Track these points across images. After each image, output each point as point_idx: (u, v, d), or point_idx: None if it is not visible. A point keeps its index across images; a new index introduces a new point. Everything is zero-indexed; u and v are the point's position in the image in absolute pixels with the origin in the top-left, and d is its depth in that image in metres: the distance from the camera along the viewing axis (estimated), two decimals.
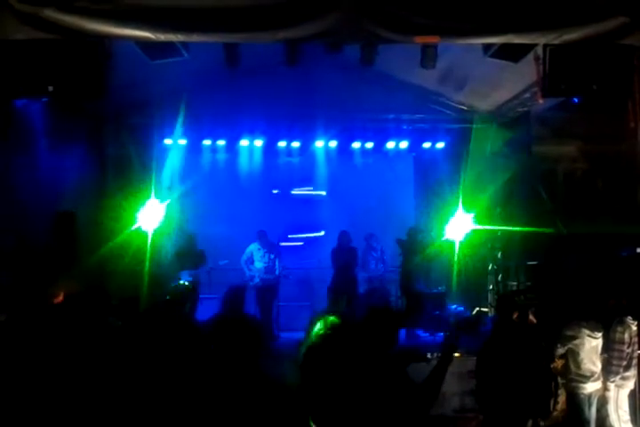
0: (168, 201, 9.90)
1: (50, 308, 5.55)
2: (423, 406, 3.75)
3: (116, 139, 10.14)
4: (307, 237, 13.07)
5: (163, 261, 10.54)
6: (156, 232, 9.50)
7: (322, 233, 12.96)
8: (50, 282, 6.14)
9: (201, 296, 10.29)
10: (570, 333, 6.49)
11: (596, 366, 6.51)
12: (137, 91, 8.82)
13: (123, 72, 6.73)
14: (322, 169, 12.76)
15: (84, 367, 4.50)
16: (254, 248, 10.63)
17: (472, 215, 10.29)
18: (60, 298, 5.81)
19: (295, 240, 12.93)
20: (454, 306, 11.03)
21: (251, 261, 10.59)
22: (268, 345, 6.70)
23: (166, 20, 5.89)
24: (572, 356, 6.50)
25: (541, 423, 5.77)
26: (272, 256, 10.60)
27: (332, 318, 4.50)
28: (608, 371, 6.50)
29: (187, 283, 9.76)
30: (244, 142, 11.96)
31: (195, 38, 6.13)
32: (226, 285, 11.11)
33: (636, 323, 6.54)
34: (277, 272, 10.61)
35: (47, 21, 5.76)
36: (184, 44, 6.40)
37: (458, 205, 10.37)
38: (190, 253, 10.24)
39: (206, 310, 10.23)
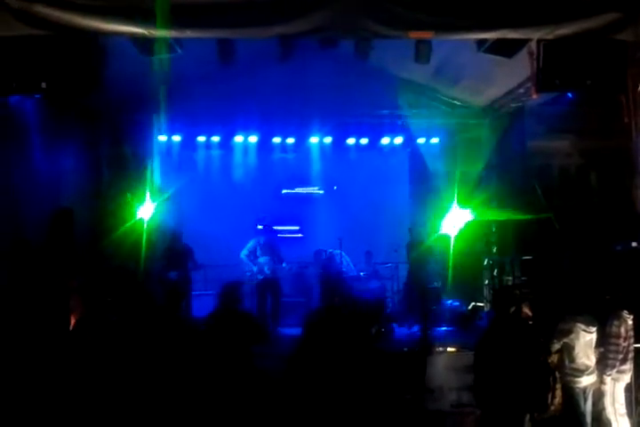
0: (162, 197, 9.92)
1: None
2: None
3: (110, 135, 10.11)
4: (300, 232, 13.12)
5: (155, 258, 10.53)
6: (150, 229, 9.50)
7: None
8: (47, 280, 6.13)
9: (197, 293, 10.29)
10: (564, 327, 6.51)
11: (591, 361, 6.53)
12: (131, 87, 8.79)
13: (117, 68, 6.70)
14: (316, 165, 12.75)
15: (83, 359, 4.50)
16: (257, 242, 10.63)
17: (467, 211, 10.32)
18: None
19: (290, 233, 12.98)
20: (450, 301, 11.05)
21: (254, 255, 10.57)
22: (270, 338, 6.69)
23: (159, 16, 5.87)
24: (567, 350, 6.52)
25: (539, 417, 5.80)
26: (275, 249, 10.62)
27: None
28: (604, 365, 6.52)
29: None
30: (238, 138, 11.94)
31: (188, 34, 6.11)
32: (221, 281, 11.23)
33: (631, 317, 6.56)
34: (284, 264, 10.63)
35: (39, 17, 5.75)
36: (177, 40, 6.38)
37: (453, 201, 10.39)
38: (175, 251, 10.15)
39: (202, 306, 10.25)
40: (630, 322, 6.56)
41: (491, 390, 5.50)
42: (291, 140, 12.14)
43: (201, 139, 11.90)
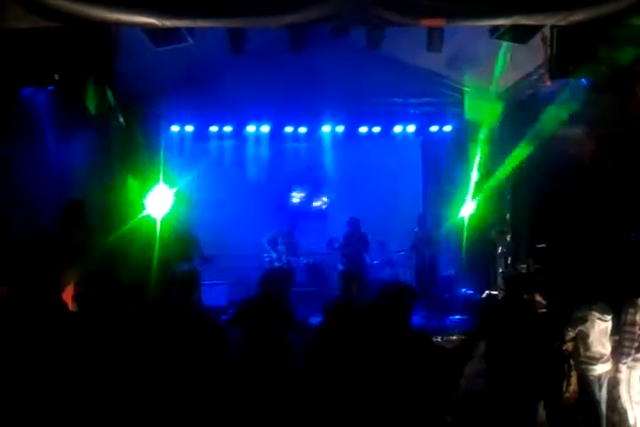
0: (176, 188, 9.95)
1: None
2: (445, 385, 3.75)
3: (122, 126, 10.13)
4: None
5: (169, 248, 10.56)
6: (164, 218, 9.54)
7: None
8: (61, 271, 6.16)
9: (209, 282, 10.34)
10: (579, 315, 6.49)
11: (606, 349, 6.52)
12: (143, 78, 8.80)
13: (129, 59, 6.71)
14: (329, 154, 12.74)
15: (102, 349, 4.52)
16: (280, 231, 10.73)
17: (477, 199, 10.31)
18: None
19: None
20: (464, 289, 11.05)
21: (274, 242, 10.68)
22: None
23: (171, 6, 5.87)
24: (582, 338, 6.51)
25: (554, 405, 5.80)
26: (293, 241, 10.74)
27: None
28: (620, 353, 6.50)
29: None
30: (250, 128, 11.94)
31: (200, 24, 6.10)
32: (233, 270, 11.31)
33: None
34: (301, 258, 10.74)
35: (51, 9, 5.74)
36: (189, 29, 6.37)
37: (467, 190, 10.36)
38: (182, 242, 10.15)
39: (213, 296, 10.28)
40: None
41: (504, 377, 5.50)
42: (303, 130, 12.13)
43: (213, 129, 11.90)
